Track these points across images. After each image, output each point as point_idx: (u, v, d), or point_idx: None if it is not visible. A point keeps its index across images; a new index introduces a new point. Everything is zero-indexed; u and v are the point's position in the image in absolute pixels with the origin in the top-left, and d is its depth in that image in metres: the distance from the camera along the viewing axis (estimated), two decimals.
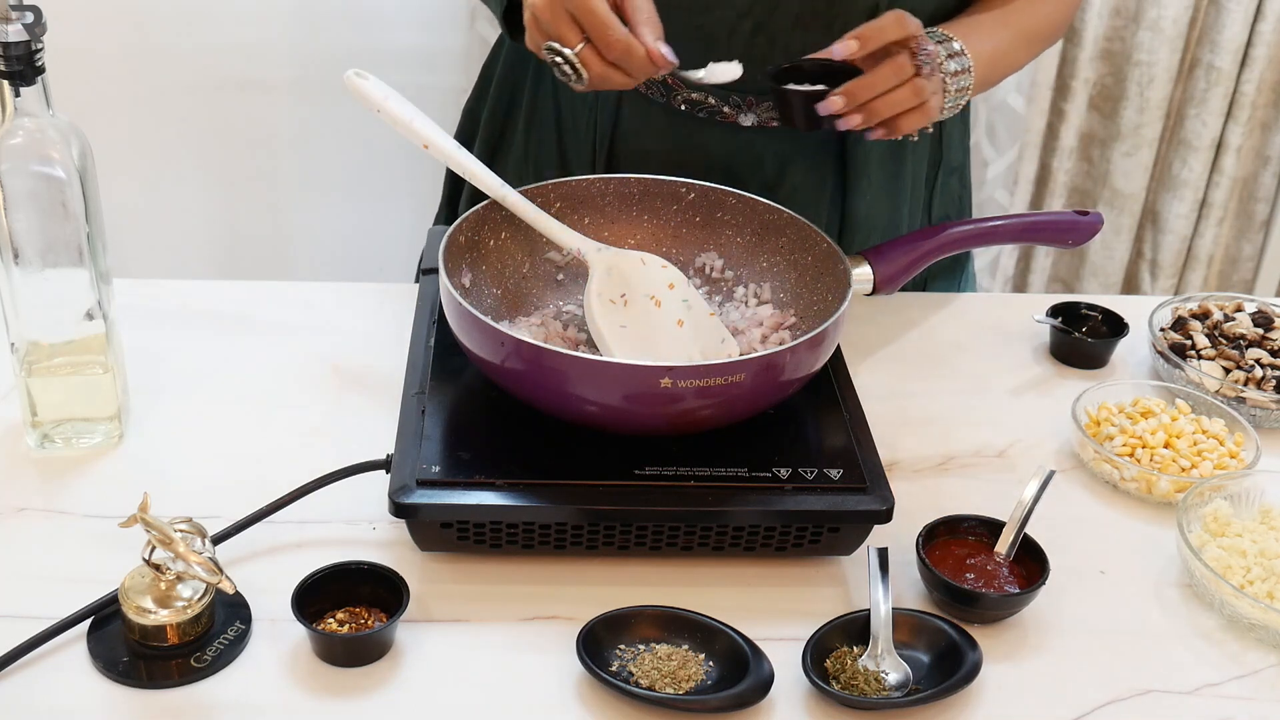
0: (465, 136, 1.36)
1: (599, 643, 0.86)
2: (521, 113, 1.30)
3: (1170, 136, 2.40)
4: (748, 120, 1.20)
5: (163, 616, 0.84)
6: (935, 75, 1.08)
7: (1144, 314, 1.24)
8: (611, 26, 0.96)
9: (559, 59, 0.98)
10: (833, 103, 1.03)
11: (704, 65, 1.07)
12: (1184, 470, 1.05)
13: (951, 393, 1.18)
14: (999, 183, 2.39)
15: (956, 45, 1.12)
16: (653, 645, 0.88)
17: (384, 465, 0.95)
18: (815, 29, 1.14)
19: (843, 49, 1.02)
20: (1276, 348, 1.19)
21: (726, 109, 1.19)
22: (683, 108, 1.20)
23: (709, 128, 1.21)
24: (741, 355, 1.05)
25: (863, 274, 1.08)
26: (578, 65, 0.98)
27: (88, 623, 0.86)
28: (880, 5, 1.14)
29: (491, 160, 1.32)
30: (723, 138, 1.21)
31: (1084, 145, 2.43)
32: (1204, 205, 2.44)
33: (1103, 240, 2.46)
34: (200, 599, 0.85)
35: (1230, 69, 2.28)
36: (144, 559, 0.84)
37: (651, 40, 0.98)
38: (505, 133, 1.32)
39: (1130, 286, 2.56)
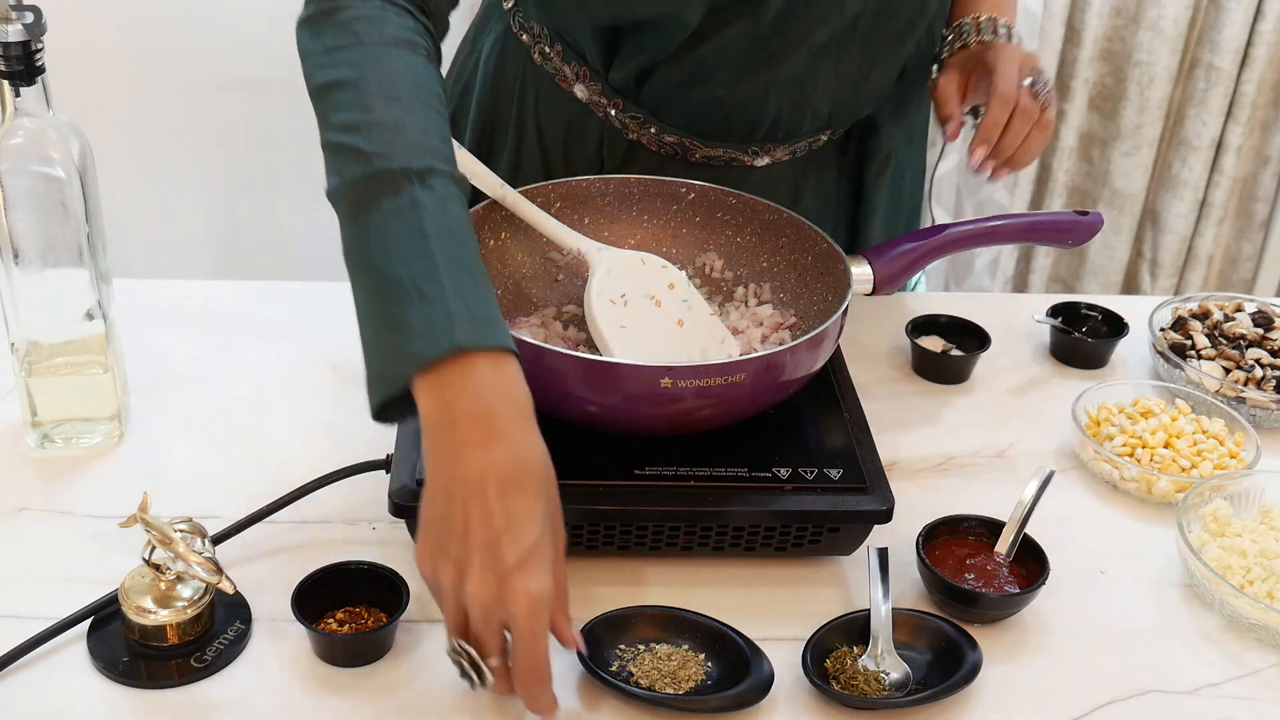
0: None
1: (599, 643, 0.86)
2: (501, 164, 1.24)
3: (1170, 136, 2.40)
4: (762, 162, 1.20)
5: (163, 616, 0.83)
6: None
7: (1144, 314, 1.24)
8: (544, 673, 0.77)
9: (465, 663, 0.77)
10: (977, 156, 1.10)
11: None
12: (1184, 470, 1.05)
13: (951, 392, 1.18)
14: (999, 183, 2.38)
15: (1020, 38, 1.16)
16: (652, 645, 0.88)
17: (384, 465, 0.95)
18: (845, 90, 1.16)
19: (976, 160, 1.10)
20: (1276, 348, 1.19)
21: (744, 157, 1.19)
22: (699, 161, 1.19)
23: (725, 172, 1.20)
24: (741, 355, 1.05)
25: (863, 274, 1.08)
26: (487, 676, 0.77)
27: (88, 623, 0.86)
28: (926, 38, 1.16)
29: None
30: (737, 179, 1.19)
31: (1084, 145, 2.43)
32: (1204, 205, 2.44)
33: (1103, 240, 2.46)
34: (200, 599, 0.85)
35: (1230, 69, 2.28)
36: (144, 559, 0.84)
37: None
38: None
39: (1130, 286, 2.56)
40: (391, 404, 0.79)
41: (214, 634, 0.86)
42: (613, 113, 1.17)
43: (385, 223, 0.82)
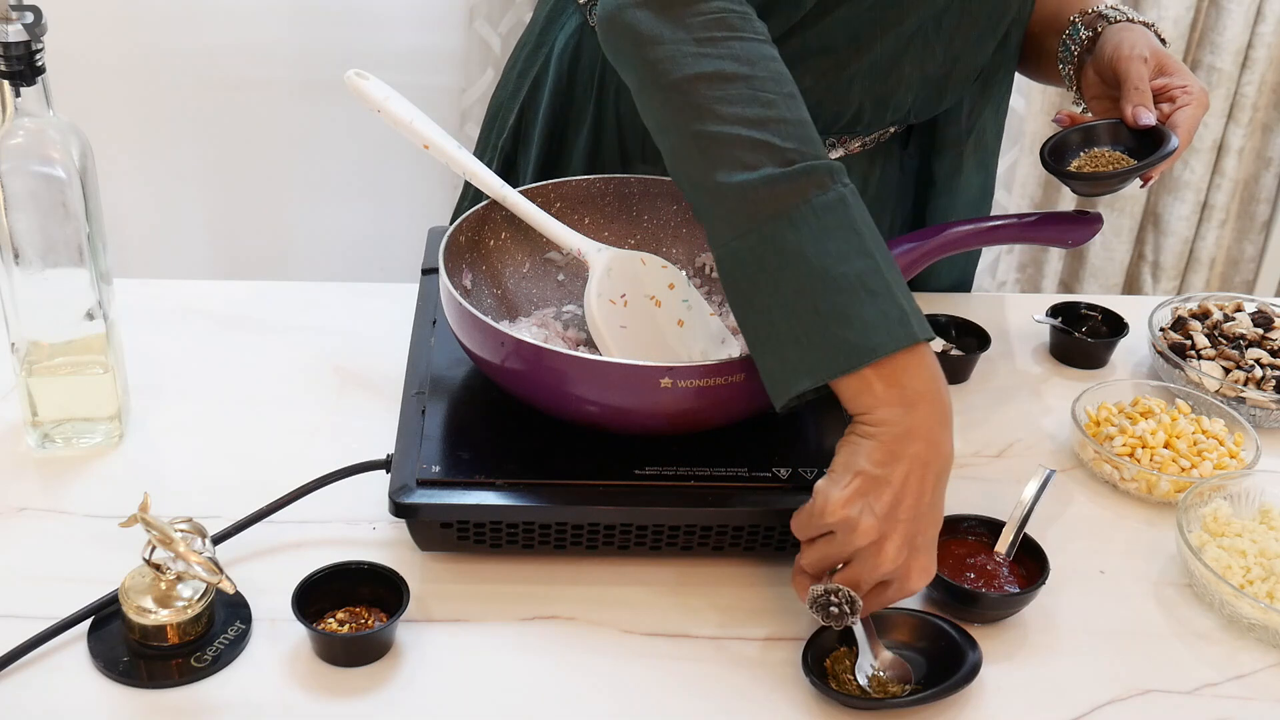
0: (505, 175, 1.28)
1: None
2: (579, 146, 1.25)
3: None
4: (836, 154, 1.20)
5: (163, 616, 0.84)
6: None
7: (1144, 314, 1.24)
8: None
9: (841, 602, 0.84)
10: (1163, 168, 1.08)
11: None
12: (1184, 470, 1.05)
13: (951, 393, 1.18)
14: (999, 182, 2.38)
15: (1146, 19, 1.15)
16: None
17: (384, 465, 0.95)
18: (927, 90, 1.17)
19: (1150, 118, 1.07)
20: (1276, 348, 1.19)
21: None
22: None
23: None
24: (741, 355, 1.05)
25: None
26: (859, 607, 0.85)
27: (88, 623, 0.86)
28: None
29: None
30: None
31: None
32: (1205, 207, 2.44)
33: (1103, 242, 2.46)
34: (200, 599, 0.85)
35: (1231, 70, 2.28)
36: (144, 559, 0.84)
37: None
38: (561, 168, 1.28)
39: (1131, 288, 2.55)
40: (809, 390, 0.86)
41: (214, 634, 0.86)
42: None
43: (818, 218, 0.85)
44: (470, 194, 1.38)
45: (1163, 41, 1.14)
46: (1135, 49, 1.10)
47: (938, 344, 1.21)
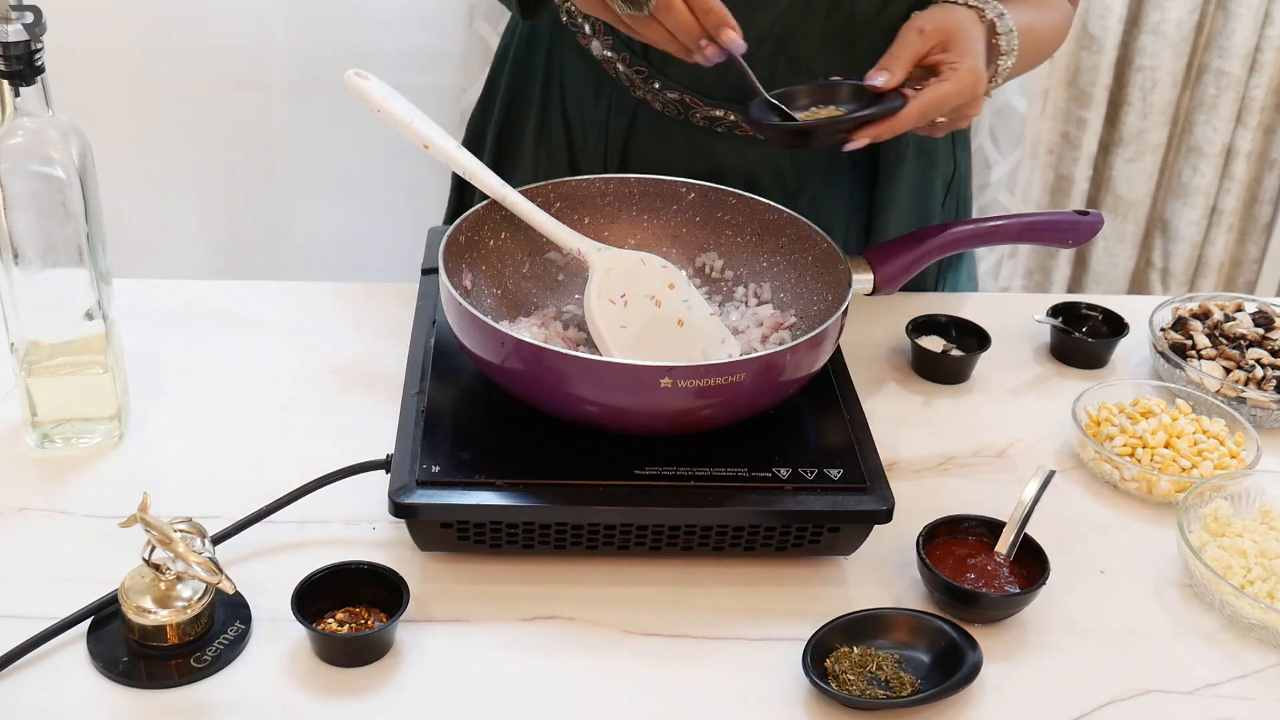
0: (473, 148, 1.34)
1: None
2: (529, 127, 1.29)
3: (1178, 143, 2.39)
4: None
5: (163, 616, 0.84)
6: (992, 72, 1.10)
7: (1144, 314, 1.24)
8: None
9: None
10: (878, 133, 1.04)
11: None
12: (1184, 470, 1.05)
13: (951, 392, 1.18)
14: (1002, 185, 2.38)
15: (1010, 22, 1.11)
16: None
17: (384, 465, 0.95)
18: (837, 50, 1.15)
19: (883, 80, 1.04)
20: (1277, 348, 1.19)
21: (746, 125, 1.19)
22: (700, 124, 1.20)
23: (726, 142, 1.20)
24: (741, 355, 1.05)
25: (863, 274, 1.08)
26: None
27: (88, 623, 0.86)
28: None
29: (499, 175, 1.31)
30: (740, 151, 1.20)
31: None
32: (1214, 212, 2.43)
33: (1105, 246, 2.45)
34: (200, 599, 0.85)
35: (1240, 74, 2.27)
36: (144, 559, 0.84)
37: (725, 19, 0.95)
38: (513, 147, 1.31)
39: (1138, 293, 2.55)
40: None
41: (214, 634, 0.86)
42: (620, 68, 1.18)
43: None
44: (457, 191, 1.39)
45: (991, 26, 1.09)
46: (917, 21, 1.08)
47: (937, 344, 1.21)
